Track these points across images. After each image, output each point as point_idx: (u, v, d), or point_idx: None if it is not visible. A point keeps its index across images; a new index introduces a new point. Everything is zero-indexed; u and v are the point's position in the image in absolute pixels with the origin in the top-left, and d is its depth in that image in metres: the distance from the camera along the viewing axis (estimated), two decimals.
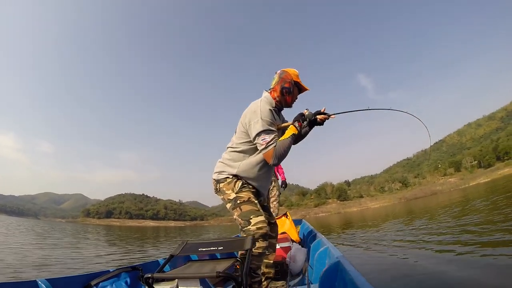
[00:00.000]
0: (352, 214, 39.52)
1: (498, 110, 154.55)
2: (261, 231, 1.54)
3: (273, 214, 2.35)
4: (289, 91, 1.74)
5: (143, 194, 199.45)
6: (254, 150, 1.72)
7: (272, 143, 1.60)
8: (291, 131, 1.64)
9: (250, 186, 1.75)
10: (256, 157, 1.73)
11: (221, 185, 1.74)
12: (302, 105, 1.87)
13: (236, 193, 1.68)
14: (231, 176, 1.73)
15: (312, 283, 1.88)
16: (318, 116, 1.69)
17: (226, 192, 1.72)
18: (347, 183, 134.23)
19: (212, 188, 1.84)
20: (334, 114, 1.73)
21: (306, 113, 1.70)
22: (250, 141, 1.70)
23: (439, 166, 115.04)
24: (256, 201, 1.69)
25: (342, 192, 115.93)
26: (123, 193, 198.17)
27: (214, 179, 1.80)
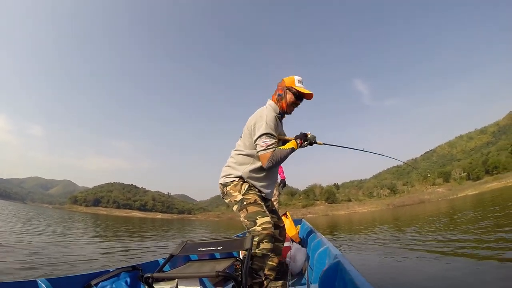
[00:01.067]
0: (340, 217, 39.88)
1: (490, 125, 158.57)
2: (266, 231, 1.56)
3: None
4: (281, 97, 1.83)
5: (132, 184, 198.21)
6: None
7: (271, 147, 1.68)
8: (291, 144, 1.74)
9: (256, 189, 1.79)
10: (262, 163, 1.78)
11: (228, 188, 1.78)
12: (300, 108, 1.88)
13: (242, 195, 1.71)
14: (237, 179, 1.78)
15: (312, 283, 1.88)
16: (321, 143, 1.93)
17: (232, 194, 1.75)
18: (336, 186, 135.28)
19: (219, 193, 1.88)
20: (325, 144, 1.98)
21: (309, 135, 1.86)
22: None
23: (428, 175, 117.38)
24: (262, 203, 1.72)
25: (330, 194, 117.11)
26: (112, 182, 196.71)
27: (220, 183, 1.85)
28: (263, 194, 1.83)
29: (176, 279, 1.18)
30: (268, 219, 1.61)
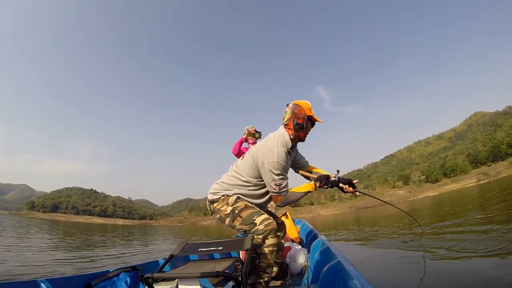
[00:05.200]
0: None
1: (447, 131, 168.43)
2: (269, 227, 1.53)
3: None
4: (302, 127, 1.67)
5: (91, 189, 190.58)
6: (259, 184, 1.70)
7: (285, 191, 1.63)
8: (308, 187, 1.68)
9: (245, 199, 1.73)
10: (260, 191, 1.72)
11: (215, 204, 1.72)
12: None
13: (232, 206, 1.66)
14: (224, 196, 1.71)
15: (312, 283, 1.88)
16: (344, 186, 1.70)
17: (221, 209, 1.69)
18: None
19: (208, 210, 1.80)
20: (360, 192, 1.79)
21: (332, 178, 1.69)
22: (258, 176, 1.67)
23: (389, 178, 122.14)
24: (253, 205, 1.68)
25: None
26: (71, 186, 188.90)
27: (208, 200, 1.77)
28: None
29: (176, 279, 1.19)
30: (265, 215, 1.58)
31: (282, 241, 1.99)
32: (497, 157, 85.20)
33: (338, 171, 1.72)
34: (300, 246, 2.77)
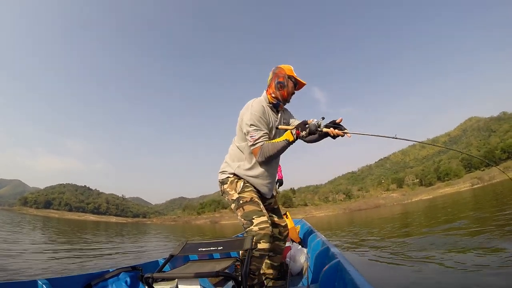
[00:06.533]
0: None
1: (442, 135, 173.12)
2: (263, 231, 1.51)
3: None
4: (283, 85, 1.70)
5: (85, 186, 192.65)
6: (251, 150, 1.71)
7: (260, 141, 1.60)
8: (286, 136, 1.58)
9: (253, 187, 1.74)
10: (253, 161, 1.71)
11: (225, 186, 1.76)
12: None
13: (238, 193, 1.68)
14: (232, 176, 1.75)
15: (312, 283, 1.88)
16: (329, 130, 1.50)
17: (229, 193, 1.73)
18: (292, 191, 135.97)
19: (219, 190, 1.86)
20: (351, 133, 1.49)
21: (310, 123, 1.53)
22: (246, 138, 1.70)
23: (383, 181, 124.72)
24: (259, 201, 1.67)
25: (287, 199, 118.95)
26: (64, 183, 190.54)
27: (218, 180, 1.82)
28: (261, 188, 1.77)
29: (176, 279, 1.18)
30: (264, 218, 1.55)
31: (282, 244, 1.99)
32: (491, 162, 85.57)
33: (323, 118, 1.54)
34: (300, 246, 2.77)
